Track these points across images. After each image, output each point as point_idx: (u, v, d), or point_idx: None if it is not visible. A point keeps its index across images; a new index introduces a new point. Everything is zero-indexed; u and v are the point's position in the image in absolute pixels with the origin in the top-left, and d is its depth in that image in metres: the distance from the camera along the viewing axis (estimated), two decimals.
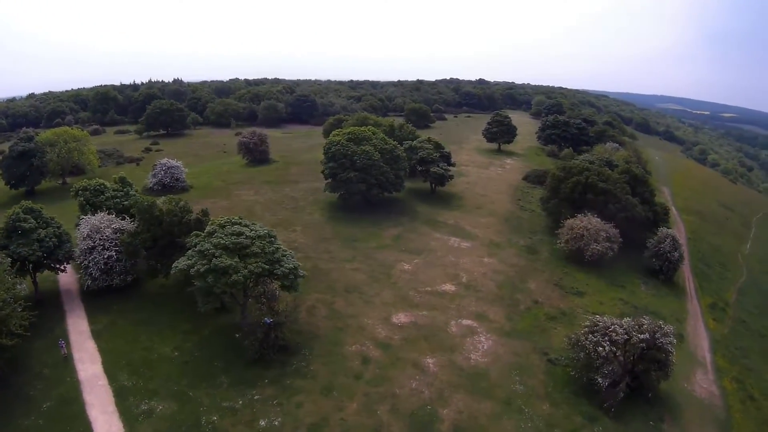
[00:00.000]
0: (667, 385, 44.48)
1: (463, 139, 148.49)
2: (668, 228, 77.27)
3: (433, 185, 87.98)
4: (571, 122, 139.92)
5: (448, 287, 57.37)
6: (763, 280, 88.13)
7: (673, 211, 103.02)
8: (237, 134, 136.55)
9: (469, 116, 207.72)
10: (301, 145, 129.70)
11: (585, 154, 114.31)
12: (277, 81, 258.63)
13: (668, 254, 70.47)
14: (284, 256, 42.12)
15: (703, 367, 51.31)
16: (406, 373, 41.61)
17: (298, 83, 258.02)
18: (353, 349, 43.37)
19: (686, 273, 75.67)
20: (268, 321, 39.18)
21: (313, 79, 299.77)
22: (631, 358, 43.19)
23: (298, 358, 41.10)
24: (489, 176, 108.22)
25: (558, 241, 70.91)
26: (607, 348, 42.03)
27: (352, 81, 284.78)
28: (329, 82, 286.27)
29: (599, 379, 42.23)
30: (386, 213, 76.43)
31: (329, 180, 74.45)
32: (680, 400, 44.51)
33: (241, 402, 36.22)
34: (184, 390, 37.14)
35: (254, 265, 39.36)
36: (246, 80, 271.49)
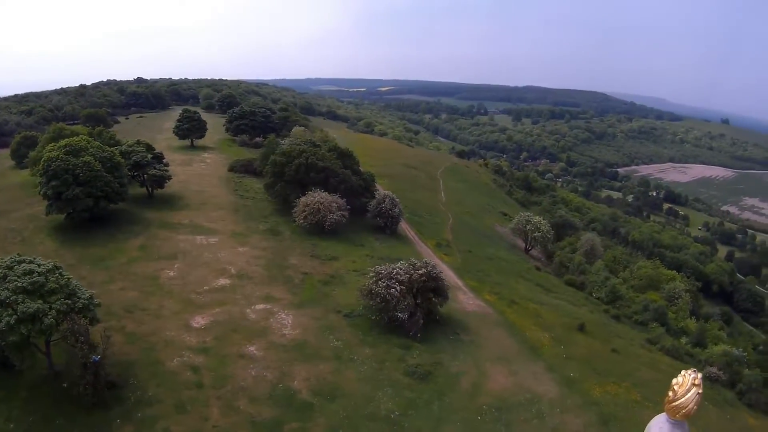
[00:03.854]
0: (446, 308, 54.44)
1: (151, 140, 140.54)
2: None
3: (151, 188, 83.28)
4: (257, 111, 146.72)
5: (224, 281, 57.85)
6: (467, 220, 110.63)
7: None
8: None
9: (141, 116, 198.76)
10: None
11: (282, 138, 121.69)
12: None
13: (390, 211, 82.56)
14: (77, 287, 37.22)
15: (461, 290, 63.40)
16: (239, 366, 42.18)
17: None
18: (176, 363, 41.39)
19: (404, 225, 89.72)
20: (96, 359, 34.32)
21: None
22: (414, 291, 51.61)
23: (131, 389, 37.57)
24: (196, 172, 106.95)
25: (295, 219, 75.93)
26: (398, 288, 49.52)
27: (17, 95, 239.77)
28: None
29: (399, 315, 49.52)
30: (118, 225, 70.48)
31: (52, 201, 64.72)
32: (461, 316, 55.37)
33: None
34: None
35: (58, 302, 34.64)
36: None
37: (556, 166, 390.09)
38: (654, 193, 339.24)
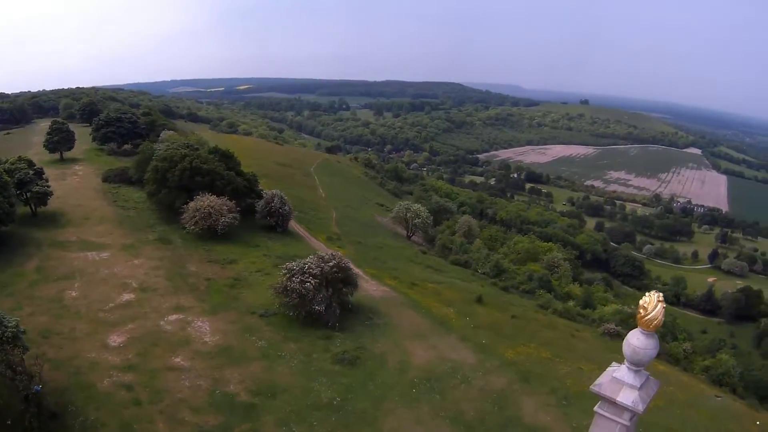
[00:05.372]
0: (355, 297, 57.01)
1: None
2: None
3: (35, 206, 77.31)
4: (123, 117, 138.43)
5: (128, 296, 55.72)
6: (350, 213, 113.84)
7: None
8: None
9: (8, 133, 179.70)
10: None
11: (154, 143, 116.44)
12: None
13: (280, 209, 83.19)
14: (2, 315, 34.91)
15: (363, 278, 65.34)
16: (170, 378, 41.50)
17: None
18: (107, 384, 39.83)
19: (292, 222, 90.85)
20: (38, 389, 32.67)
21: None
22: (326, 283, 53.81)
23: (72, 416, 35.59)
24: (72, 186, 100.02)
25: (185, 226, 74.52)
26: (312, 282, 51.37)
27: None
28: None
29: (317, 308, 51.25)
30: (11, 247, 65.24)
31: None
32: (370, 302, 58.22)
33: None
34: None
35: None
36: None
37: (420, 156, 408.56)
38: (515, 175, 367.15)
